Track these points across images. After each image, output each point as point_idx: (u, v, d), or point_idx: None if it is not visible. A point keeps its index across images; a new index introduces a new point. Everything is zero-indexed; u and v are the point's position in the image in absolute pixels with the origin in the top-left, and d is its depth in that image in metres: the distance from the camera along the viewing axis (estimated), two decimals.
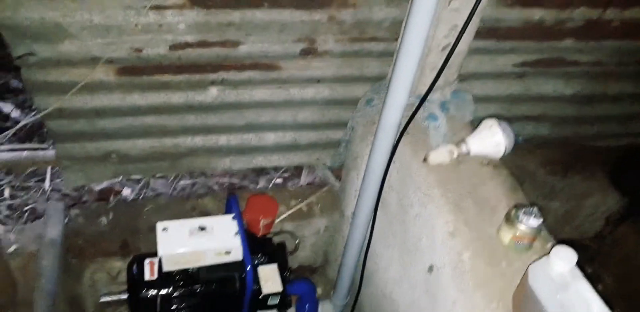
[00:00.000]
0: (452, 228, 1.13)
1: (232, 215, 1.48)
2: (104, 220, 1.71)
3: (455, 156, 1.24)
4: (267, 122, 1.65)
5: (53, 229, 1.63)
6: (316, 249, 1.97)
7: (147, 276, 1.44)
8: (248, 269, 1.38)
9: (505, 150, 1.23)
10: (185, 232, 1.42)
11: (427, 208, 1.20)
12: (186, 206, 1.79)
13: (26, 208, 2.26)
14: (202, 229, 1.43)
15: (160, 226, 1.43)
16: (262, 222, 1.53)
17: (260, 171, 2.32)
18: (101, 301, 1.51)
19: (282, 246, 1.63)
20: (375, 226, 1.47)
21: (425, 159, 1.25)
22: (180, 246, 1.39)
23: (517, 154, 1.80)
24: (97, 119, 1.54)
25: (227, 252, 1.43)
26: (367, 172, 1.40)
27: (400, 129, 1.29)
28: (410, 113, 1.26)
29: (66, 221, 1.68)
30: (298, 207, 1.82)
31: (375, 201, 1.44)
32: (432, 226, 1.18)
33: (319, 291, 2.03)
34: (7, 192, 2.33)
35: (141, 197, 2.23)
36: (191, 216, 1.72)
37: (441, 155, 1.24)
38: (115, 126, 1.56)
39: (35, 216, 2.01)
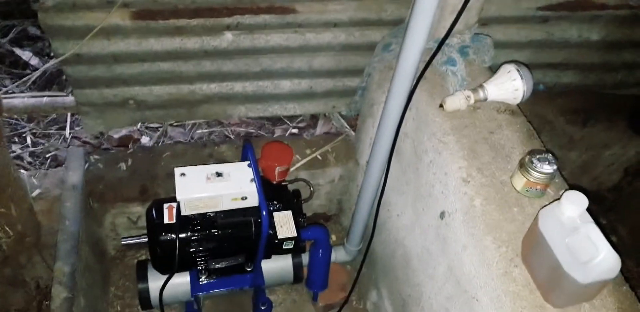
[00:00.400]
0: (465, 174, 1.13)
1: (247, 162, 1.50)
2: (123, 166, 1.75)
3: (472, 101, 1.23)
4: (282, 69, 1.64)
5: (74, 174, 1.67)
6: (331, 197, 2.00)
7: (166, 220, 1.48)
8: (263, 214, 1.40)
9: (523, 96, 1.21)
10: (202, 177, 1.45)
11: (441, 155, 1.20)
12: (203, 153, 1.82)
13: (48, 155, 2.32)
14: (219, 175, 1.46)
15: (178, 171, 1.46)
16: (277, 169, 1.55)
17: (276, 121, 2.33)
18: (122, 243, 1.57)
19: (297, 193, 1.65)
20: (389, 174, 1.47)
21: (441, 105, 1.24)
22: (197, 191, 1.42)
23: (537, 102, 1.77)
24: (115, 64, 1.54)
25: (244, 198, 1.46)
26: (382, 119, 1.39)
27: (418, 75, 1.27)
28: (428, 58, 1.23)
29: (86, 166, 1.72)
30: (313, 156, 1.83)
31: (390, 149, 1.44)
32: (446, 172, 1.18)
33: (333, 238, 2.08)
34: (29, 140, 2.39)
35: (159, 144, 2.27)
36: (208, 163, 1.75)
37: (458, 101, 1.22)
38: (132, 72, 1.57)
39: (57, 162, 2.07)
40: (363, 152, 1.79)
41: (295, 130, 2.40)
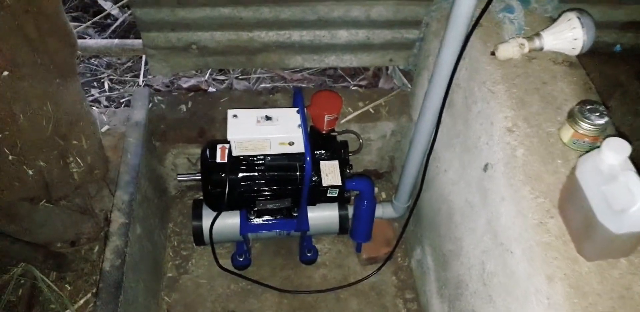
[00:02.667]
0: (510, 123, 1.08)
1: (296, 108, 1.51)
2: (183, 108, 1.81)
3: (526, 50, 1.16)
4: (339, 18, 1.61)
5: (138, 112, 1.76)
6: (382, 154, 1.99)
7: (218, 159, 1.54)
8: (307, 159, 1.42)
9: (582, 47, 1.12)
10: (252, 120, 1.48)
11: (489, 104, 1.15)
12: (259, 99, 1.85)
13: (122, 100, 2.44)
14: (269, 118, 1.48)
15: (231, 112, 1.50)
16: (326, 118, 1.55)
17: (338, 78, 2.32)
18: (178, 179, 1.65)
19: (344, 144, 1.65)
20: (440, 128, 1.44)
21: (493, 53, 1.18)
22: (247, 132, 1.45)
23: (610, 62, 1.65)
24: (178, 8, 1.58)
25: (291, 143, 1.48)
26: (435, 69, 1.35)
27: (473, 22, 1.21)
28: (484, 4, 1.16)
29: (150, 106, 1.80)
30: (365, 108, 1.82)
31: (442, 100, 1.40)
32: (492, 122, 1.14)
33: (384, 195, 2.08)
34: (106, 85, 2.52)
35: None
36: (262, 107, 1.78)
37: (510, 48, 1.15)
38: (194, 16, 1.60)
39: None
40: (417, 108, 1.75)
41: (355, 88, 2.38)
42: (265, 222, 1.70)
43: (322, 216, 1.79)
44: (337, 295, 1.84)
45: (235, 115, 1.49)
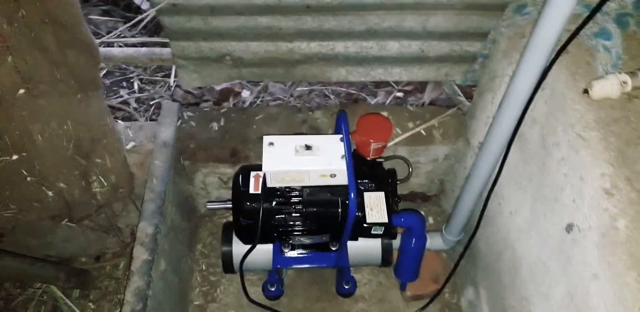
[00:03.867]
0: (608, 184, 0.88)
1: (340, 135, 1.33)
2: (215, 126, 1.66)
3: (628, 88, 0.94)
4: (390, 28, 1.41)
5: (166, 130, 1.61)
6: (432, 177, 1.79)
7: (252, 189, 1.38)
8: (351, 196, 1.24)
9: None
10: (290, 149, 1.31)
11: (578, 153, 0.95)
12: (297, 118, 1.67)
13: (152, 102, 2.30)
14: (308, 148, 1.31)
15: (267, 140, 1.33)
16: (373, 146, 1.37)
17: (380, 83, 2.12)
18: (207, 207, 1.50)
19: (392, 173, 1.47)
20: (506, 163, 1.24)
21: (586, 91, 0.97)
22: (284, 163, 1.29)
23: None
24: (211, 16, 1.41)
25: (332, 175, 1.30)
26: (506, 96, 1.15)
27: (558, 48, 1.00)
28: (574, 27, 0.95)
29: (179, 123, 1.65)
30: (416, 130, 1.62)
31: (512, 133, 1.20)
32: (582, 176, 0.93)
33: (430, 220, 1.89)
34: (136, 85, 2.39)
35: (259, 100, 2.16)
36: (300, 130, 1.61)
37: (609, 86, 0.94)
38: (229, 26, 1.43)
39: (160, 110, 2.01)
40: (476, 131, 1.55)
41: (400, 94, 2.18)
42: (301, 256, 1.54)
43: (363, 245, 1.61)
44: None
45: (271, 143, 1.33)
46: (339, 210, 1.35)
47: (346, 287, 1.72)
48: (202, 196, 1.86)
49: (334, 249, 1.53)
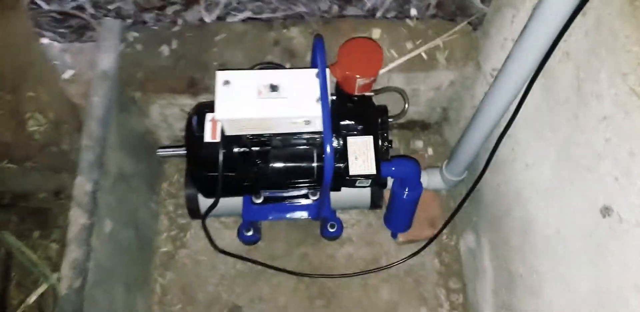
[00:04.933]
0: None
1: (315, 71, 1.07)
2: (165, 50, 1.38)
3: None
4: None
5: (106, 56, 1.34)
6: (433, 105, 1.55)
7: (208, 137, 1.16)
8: (328, 151, 1.01)
9: None
10: (252, 89, 1.06)
11: (629, 116, 0.71)
12: (268, 37, 1.38)
13: (112, 7, 1.97)
14: (274, 88, 1.06)
15: (221, 77, 1.08)
16: (359, 82, 1.11)
17: None
18: (158, 153, 1.29)
19: (382, 110, 1.23)
20: (525, 100, 1.00)
21: None
22: (243, 109, 1.05)
23: None
24: None
25: (306, 122, 1.07)
26: (533, 18, 0.88)
27: None
28: None
29: (122, 47, 1.36)
30: (416, 52, 1.34)
31: (537, 67, 0.95)
32: (632, 150, 0.70)
33: (430, 151, 1.69)
34: None
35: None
36: (272, 53, 1.34)
37: None
38: None
39: (122, 16, 1.69)
40: (490, 54, 1.28)
41: (404, 21, 1.83)
42: (275, 208, 1.37)
43: (348, 191, 1.43)
44: (364, 280, 1.58)
45: (226, 82, 1.07)
46: (314, 164, 1.13)
47: (331, 230, 1.56)
48: (164, 128, 1.63)
49: (313, 198, 1.34)
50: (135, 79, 1.38)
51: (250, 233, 1.54)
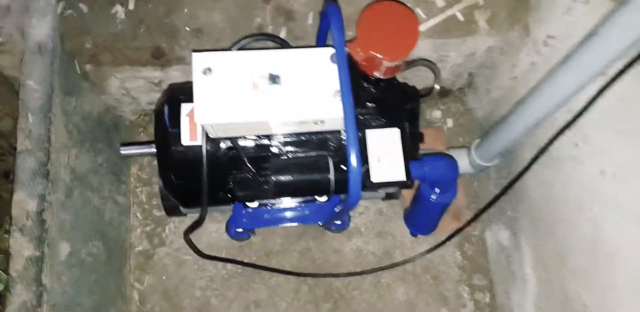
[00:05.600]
0: None
1: (329, 51, 0.79)
2: (120, 11, 1.06)
3: None
4: None
5: (40, 23, 1.02)
6: (460, 71, 1.28)
7: (186, 139, 0.89)
8: (354, 164, 0.76)
9: None
10: (243, 81, 0.79)
11: None
12: None
13: None
14: (274, 79, 0.78)
15: (199, 62, 0.80)
16: (386, 64, 0.84)
17: None
18: (121, 152, 1.02)
19: (413, 94, 0.97)
20: (611, 89, 0.76)
21: None
22: (232, 111, 0.78)
23: None
24: None
25: (318, 123, 0.81)
26: None
27: None
28: None
29: (60, 10, 1.04)
30: (449, 13, 1.05)
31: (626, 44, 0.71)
32: None
33: (449, 123, 1.45)
34: None
35: None
36: (262, 16, 1.04)
37: None
38: None
39: None
40: (546, 18, 1.00)
41: None
42: (273, 214, 1.13)
43: None
44: (376, 279, 1.38)
45: (208, 70, 0.79)
46: (330, 176, 0.88)
47: (337, 222, 1.34)
48: (127, 103, 1.35)
49: (322, 199, 1.10)
50: (84, 51, 1.07)
51: (241, 229, 1.31)
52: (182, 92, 0.94)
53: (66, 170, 1.03)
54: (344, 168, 0.88)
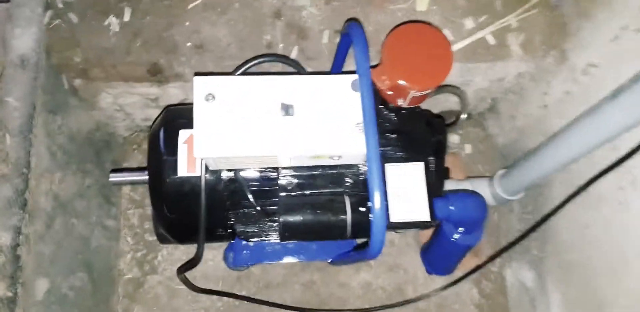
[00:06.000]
0: None
1: (351, 77, 0.69)
2: (114, 22, 0.96)
3: None
4: None
5: (24, 33, 0.93)
6: (483, 95, 1.19)
7: (183, 169, 0.79)
8: (377, 209, 0.66)
9: None
10: (251, 110, 0.69)
11: None
12: (264, 4, 0.97)
13: None
14: (287, 110, 0.68)
15: (201, 87, 0.70)
16: (412, 94, 0.74)
17: None
18: (110, 180, 0.92)
19: (437, 125, 0.87)
20: None
21: None
22: (237, 144, 0.68)
23: None
24: None
25: (337, 157, 0.71)
26: None
27: None
28: None
29: (47, 18, 0.95)
30: (479, 35, 0.95)
31: None
32: None
33: (468, 149, 1.35)
34: None
35: None
36: (271, 29, 0.94)
37: None
38: None
39: None
40: (588, 45, 0.90)
41: None
42: (277, 250, 1.03)
43: None
44: None
45: (211, 96, 0.69)
46: (347, 218, 0.78)
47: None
48: (121, 119, 1.25)
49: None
50: (72, 65, 0.97)
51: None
52: (180, 116, 0.85)
53: (47, 197, 0.92)
54: (363, 210, 0.77)
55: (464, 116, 0.90)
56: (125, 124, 1.29)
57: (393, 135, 0.83)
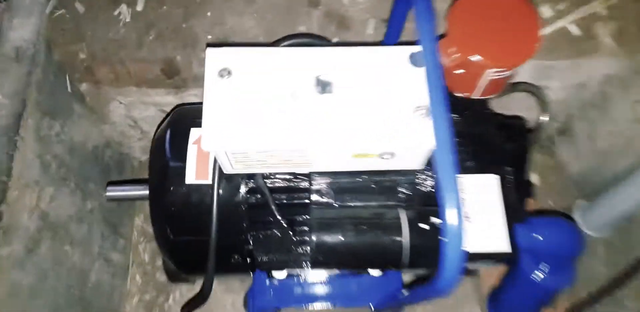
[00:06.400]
0: None
1: (410, 49, 0.53)
2: (125, 11, 0.83)
3: None
4: None
5: (23, 22, 0.80)
6: (557, 110, 1.00)
7: (191, 174, 0.63)
8: (452, 227, 0.47)
9: None
10: (276, 88, 0.52)
11: None
12: None
13: None
14: (324, 86, 0.52)
15: (214, 61, 0.54)
16: (489, 76, 0.57)
17: None
18: (107, 194, 0.75)
19: (517, 127, 0.69)
20: None
21: None
22: (256, 132, 0.51)
23: None
24: None
25: (385, 155, 0.53)
26: None
27: None
28: None
29: (49, 8, 0.83)
30: (560, 24, 0.78)
31: None
32: None
33: (535, 179, 1.15)
34: None
35: None
36: (306, 19, 0.79)
37: None
38: None
39: None
40: None
41: None
42: (308, 291, 0.82)
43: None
44: None
45: (226, 72, 0.53)
46: (402, 240, 0.59)
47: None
48: (136, 138, 1.10)
49: (377, 274, 0.80)
50: (76, 61, 0.84)
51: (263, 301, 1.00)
52: (190, 114, 0.69)
53: (32, 215, 0.76)
54: (426, 227, 0.58)
55: (545, 118, 0.71)
56: (141, 145, 1.15)
57: (459, 139, 0.65)
